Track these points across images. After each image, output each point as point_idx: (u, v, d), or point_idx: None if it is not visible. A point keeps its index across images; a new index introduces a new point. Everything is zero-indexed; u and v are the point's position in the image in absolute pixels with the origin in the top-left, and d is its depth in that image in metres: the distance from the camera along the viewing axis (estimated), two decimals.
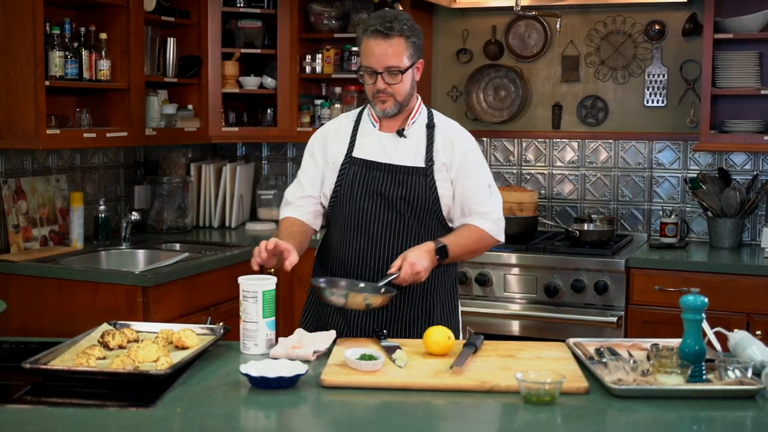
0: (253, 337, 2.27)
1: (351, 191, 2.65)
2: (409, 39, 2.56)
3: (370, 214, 2.63)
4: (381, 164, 2.64)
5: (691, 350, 2.01)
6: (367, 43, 2.56)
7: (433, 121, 2.70)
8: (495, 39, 4.72)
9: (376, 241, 2.63)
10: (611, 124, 4.58)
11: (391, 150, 2.65)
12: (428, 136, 2.67)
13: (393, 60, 2.54)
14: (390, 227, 2.62)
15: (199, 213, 4.72)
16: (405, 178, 2.62)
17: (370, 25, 2.55)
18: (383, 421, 1.84)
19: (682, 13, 4.38)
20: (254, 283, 2.28)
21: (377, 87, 2.58)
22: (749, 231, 4.33)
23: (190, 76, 4.43)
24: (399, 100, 2.61)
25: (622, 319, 3.91)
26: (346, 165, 2.68)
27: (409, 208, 2.62)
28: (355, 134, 2.71)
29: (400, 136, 2.66)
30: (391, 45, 2.53)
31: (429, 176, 2.62)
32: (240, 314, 2.30)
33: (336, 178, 2.69)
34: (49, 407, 1.90)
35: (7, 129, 3.52)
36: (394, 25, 2.53)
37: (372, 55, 2.55)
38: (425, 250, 2.51)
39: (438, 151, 2.64)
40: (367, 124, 2.71)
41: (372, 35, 2.55)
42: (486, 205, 2.66)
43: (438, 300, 2.69)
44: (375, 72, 2.56)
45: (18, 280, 3.57)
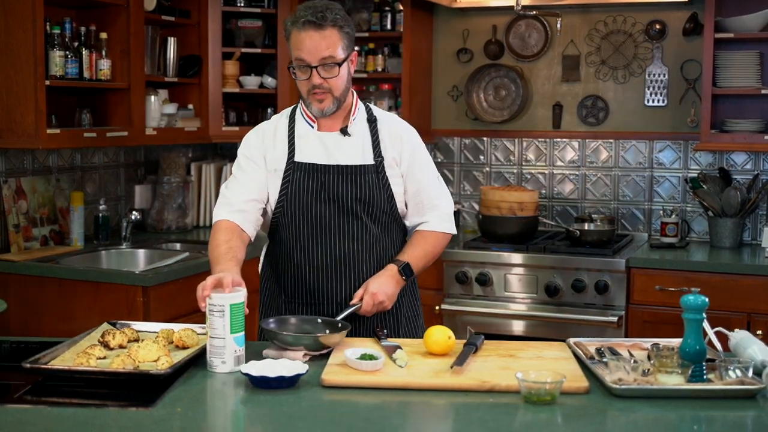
0: (221, 354, 2.09)
1: (300, 198, 2.48)
2: (342, 29, 2.41)
3: (325, 221, 2.48)
4: (328, 166, 2.48)
5: (691, 350, 2.01)
6: (298, 36, 2.39)
7: (374, 116, 2.57)
8: (495, 38, 4.72)
9: (334, 250, 2.49)
10: (612, 124, 4.58)
11: (335, 150, 2.50)
12: (372, 131, 2.54)
13: (328, 51, 2.38)
14: (348, 233, 2.49)
15: (200, 213, 4.72)
16: (356, 178, 2.48)
17: (301, 17, 2.38)
18: (383, 420, 1.84)
19: (682, 12, 4.38)
20: (221, 296, 2.11)
21: (312, 82, 2.41)
22: (750, 231, 4.33)
23: (190, 76, 4.43)
24: (336, 96, 2.44)
25: (623, 319, 3.91)
26: (289, 171, 2.50)
27: (365, 209, 2.49)
28: (292, 136, 2.54)
29: (344, 135, 2.51)
30: (324, 36, 2.37)
31: (381, 173, 2.50)
32: (206, 329, 2.13)
33: (280, 186, 2.51)
34: (49, 407, 1.90)
35: (7, 129, 3.52)
36: (326, 14, 2.37)
37: (304, 48, 2.38)
38: (388, 275, 2.45)
39: (386, 146, 2.52)
40: (302, 125, 2.54)
41: (303, 27, 2.38)
42: (438, 198, 2.59)
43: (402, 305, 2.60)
44: (309, 66, 2.39)
45: (18, 279, 3.57)
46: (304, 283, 2.52)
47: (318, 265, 2.50)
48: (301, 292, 2.54)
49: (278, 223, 2.54)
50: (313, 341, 2.21)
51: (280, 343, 2.20)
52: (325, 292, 2.51)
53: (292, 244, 2.53)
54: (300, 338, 2.21)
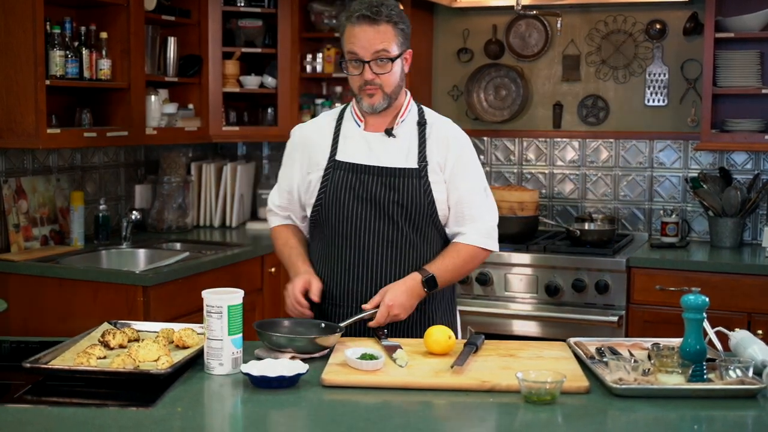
0: (218, 356, 2.07)
1: (337, 198, 2.45)
2: (397, 26, 2.38)
3: (361, 222, 2.44)
4: (370, 167, 2.44)
5: (692, 350, 2.01)
6: (352, 30, 2.38)
7: (425, 118, 2.52)
8: (496, 38, 4.72)
9: (367, 253, 2.45)
10: (612, 124, 4.58)
11: (379, 151, 2.46)
12: (420, 134, 2.48)
13: (382, 44, 2.36)
14: (383, 237, 2.44)
15: (200, 212, 4.72)
16: (397, 180, 2.42)
17: (355, 11, 2.37)
18: (384, 420, 1.84)
19: (683, 12, 4.38)
20: (219, 297, 2.07)
21: (364, 78, 2.40)
22: (750, 230, 4.33)
23: (190, 76, 4.43)
24: (388, 92, 2.42)
25: (623, 319, 3.90)
26: (329, 170, 2.47)
27: (403, 213, 2.43)
28: (337, 135, 2.51)
29: (388, 136, 2.47)
30: (378, 31, 2.36)
31: (423, 177, 2.43)
32: (204, 331, 2.13)
33: (320, 185, 2.48)
34: (49, 407, 1.90)
35: (7, 128, 3.52)
36: (381, 9, 2.35)
37: (358, 43, 2.37)
38: (408, 287, 2.38)
39: (431, 150, 2.46)
40: (350, 124, 2.52)
41: (357, 21, 2.36)
42: (480, 210, 2.50)
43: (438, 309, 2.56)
44: (361, 61, 2.38)
45: (18, 279, 3.57)
46: (335, 284, 2.49)
47: (350, 267, 2.47)
48: (332, 292, 2.49)
49: (316, 221, 2.52)
50: (307, 342, 2.20)
51: (274, 345, 2.20)
52: (355, 295, 2.47)
53: (327, 244, 2.50)
54: (293, 340, 2.21)
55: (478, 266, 2.62)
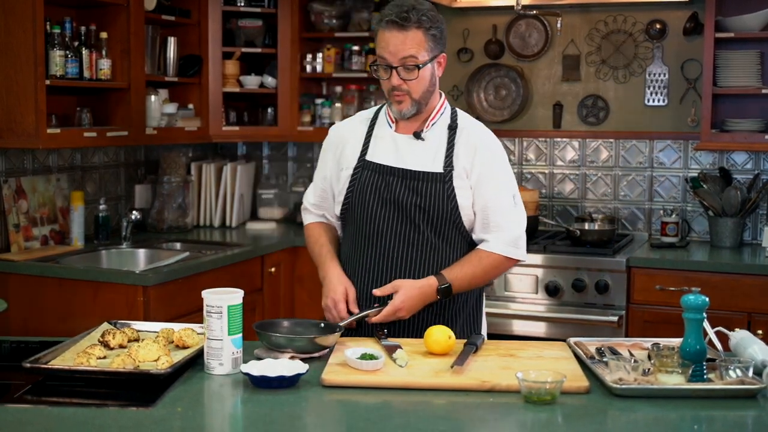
0: (218, 356, 2.07)
1: (362, 199, 2.46)
2: (428, 31, 2.35)
3: (383, 224, 2.44)
4: (394, 169, 2.44)
5: (692, 350, 2.01)
6: (382, 35, 2.37)
7: (456, 122, 2.49)
8: (496, 38, 4.72)
9: (389, 255, 2.45)
10: (612, 124, 4.58)
11: (406, 153, 2.45)
12: (449, 138, 2.46)
13: (409, 51, 2.34)
14: (405, 240, 2.43)
15: (200, 212, 4.72)
16: (420, 184, 2.42)
17: (386, 15, 2.36)
18: (384, 420, 1.84)
19: (683, 12, 4.38)
20: (218, 297, 2.07)
21: (392, 83, 2.39)
22: (750, 230, 4.33)
23: (190, 76, 4.43)
24: (416, 98, 2.40)
25: (623, 319, 3.90)
26: (358, 169, 2.48)
27: (425, 218, 2.42)
28: (369, 135, 2.51)
29: (417, 139, 2.46)
30: (407, 37, 2.34)
31: (447, 182, 2.41)
32: (204, 331, 2.13)
33: (348, 184, 2.49)
34: (49, 407, 1.90)
35: (7, 128, 3.52)
36: (410, 15, 2.33)
37: (386, 48, 2.36)
38: (422, 291, 2.37)
39: (458, 155, 2.43)
40: (383, 125, 2.52)
41: (387, 26, 2.35)
42: (506, 218, 2.45)
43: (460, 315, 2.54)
44: (390, 66, 2.37)
45: (18, 279, 3.57)
46: (356, 284, 2.48)
47: (370, 268, 2.47)
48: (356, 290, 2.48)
49: (344, 221, 2.55)
50: (306, 342, 2.19)
51: (273, 345, 2.20)
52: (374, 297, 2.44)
53: (351, 243, 2.52)
54: (293, 340, 2.20)
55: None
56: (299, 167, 5.08)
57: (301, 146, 5.07)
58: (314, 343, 2.20)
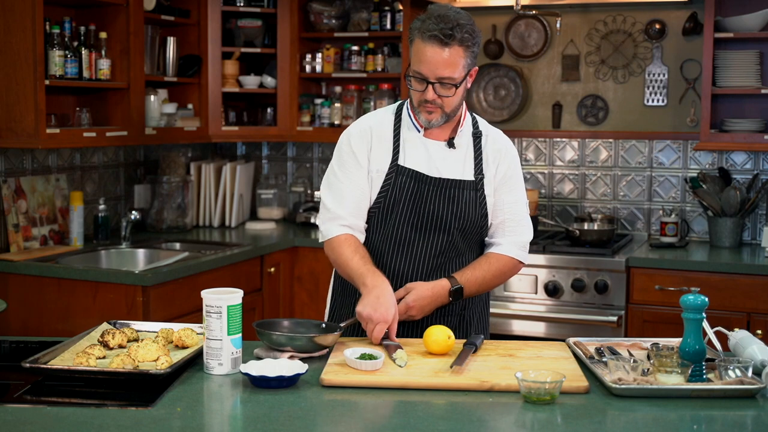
0: (217, 356, 2.07)
1: (395, 205, 2.41)
2: (469, 48, 2.29)
3: (414, 232, 2.41)
4: (429, 177, 2.40)
5: (691, 349, 2.01)
6: (422, 47, 2.28)
7: (479, 129, 2.48)
8: (495, 38, 4.72)
9: (418, 262, 2.42)
10: (611, 124, 4.58)
11: (439, 161, 2.41)
12: (476, 145, 2.45)
13: (448, 71, 2.28)
14: (435, 247, 2.42)
15: (199, 212, 4.72)
16: (455, 193, 2.40)
17: (428, 29, 2.26)
18: (383, 420, 1.84)
19: (682, 12, 4.38)
20: (218, 297, 2.07)
21: (425, 97, 2.32)
22: (749, 230, 4.33)
23: (190, 76, 4.43)
24: (447, 112, 2.36)
25: (623, 319, 3.91)
26: (392, 174, 2.41)
27: (458, 225, 2.40)
28: (398, 138, 2.43)
29: (450, 147, 2.43)
30: (448, 54, 2.26)
31: (479, 190, 2.41)
32: (203, 331, 2.13)
33: (380, 187, 2.41)
34: (48, 407, 1.90)
35: (6, 128, 3.52)
36: (455, 33, 2.25)
37: (425, 62, 2.28)
38: (435, 293, 2.35)
39: (487, 162, 2.43)
40: (409, 128, 2.44)
41: (429, 40, 2.26)
42: (520, 224, 2.49)
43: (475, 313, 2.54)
44: (426, 80, 2.30)
45: (18, 279, 3.57)
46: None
47: (398, 273, 2.43)
48: None
49: (369, 223, 2.46)
50: (306, 341, 2.19)
51: (273, 344, 2.20)
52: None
53: (377, 247, 2.45)
54: (293, 339, 2.20)
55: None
56: (299, 167, 5.08)
57: (300, 146, 5.07)
58: (314, 343, 2.19)
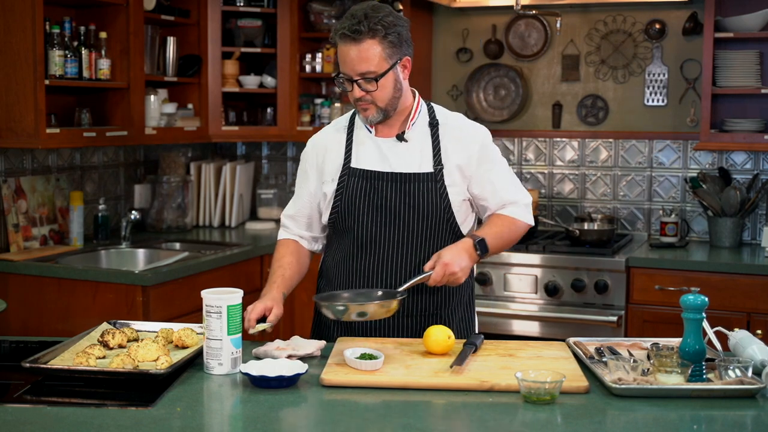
0: (217, 356, 2.08)
1: (352, 206, 2.43)
2: (385, 38, 2.28)
3: (376, 229, 2.41)
4: (383, 173, 2.41)
5: (691, 349, 2.01)
6: (340, 48, 2.31)
7: (436, 119, 2.47)
8: (495, 38, 4.72)
9: (383, 259, 2.42)
10: (611, 124, 4.58)
11: (392, 156, 2.42)
12: (433, 136, 2.44)
13: (366, 66, 2.28)
14: (399, 243, 2.41)
15: (199, 212, 4.72)
16: (412, 186, 2.39)
17: (339, 29, 2.29)
18: (383, 420, 1.84)
19: (682, 12, 4.38)
20: (218, 297, 2.07)
21: (354, 95, 2.34)
22: (749, 230, 4.33)
23: (190, 75, 4.43)
24: (381, 107, 2.36)
25: (623, 319, 3.91)
26: (344, 177, 2.44)
27: (418, 219, 2.40)
28: (350, 142, 2.47)
29: (400, 141, 2.43)
30: (361, 50, 2.27)
31: (439, 181, 2.40)
32: (203, 331, 2.14)
33: (334, 193, 2.45)
34: (48, 406, 1.90)
35: (6, 128, 3.52)
36: (362, 27, 2.25)
37: (344, 62, 2.30)
38: (462, 248, 2.32)
39: (447, 153, 2.42)
40: (361, 131, 2.47)
41: (342, 39, 2.29)
42: (515, 190, 2.50)
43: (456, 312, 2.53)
44: (350, 79, 2.32)
45: (18, 279, 3.57)
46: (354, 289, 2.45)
47: (366, 273, 2.44)
48: None
49: (333, 230, 2.51)
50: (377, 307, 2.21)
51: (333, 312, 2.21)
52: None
53: (343, 251, 2.48)
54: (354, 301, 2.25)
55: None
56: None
57: (300, 146, 5.06)
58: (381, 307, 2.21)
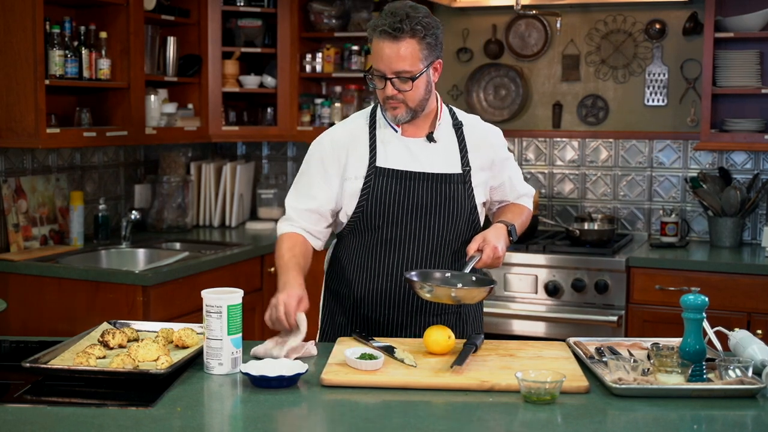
0: (217, 356, 2.07)
1: (381, 205, 2.39)
2: (423, 39, 2.29)
3: (404, 229, 2.40)
4: (414, 173, 2.39)
5: (691, 349, 2.01)
6: (376, 44, 2.30)
7: (459, 120, 2.49)
8: (495, 38, 4.72)
9: (410, 258, 2.42)
10: (612, 124, 4.58)
11: (421, 156, 2.41)
12: (458, 137, 2.46)
13: (403, 65, 2.28)
14: (427, 242, 2.42)
15: (199, 212, 4.72)
16: (443, 186, 2.40)
17: (379, 25, 2.28)
18: (383, 420, 1.84)
19: (682, 12, 4.38)
20: (218, 296, 2.07)
21: (386, 93, 2.33)
22: (750, 230, 4.33)
23: (190, 75, 4.43)
24: (412, 107, 2.36)
25: (623, 319, 3.90)
26: (371, 176, 2.40)
27: (447, 219, 2.41)
28: (374, 141, 2.43)
29: (430, 141, 2.43)
30: (400, 48, 2.27)
31: (467, 183, 2.43)
32: (203, 331, 2.13)
33: (360, 192, 2.41)
34: (48, 406, 1.90)
35: (7, 128, 3.52)
36: (404, 25, 2.25)
37: (381, 59, 2.29)
38: (502, 232, 2.39)
39: (473, 153, 2.45)
40: (386, 129, 2.44)
41: (380, 36, 2.28)
42: (526, 185, 2.65)
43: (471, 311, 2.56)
44: (384, 77, 2.32)
45: (18, 279, 3.57)
46: (376, 289, 2.44)
47: (391, 272, 2.43)
48: (370, 297, 2.46)
49: (353, 229, 2.46)
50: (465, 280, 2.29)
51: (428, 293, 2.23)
52: (395, 300, 2.44)
53: (366, 250, 2.46)
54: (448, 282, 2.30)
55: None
56: (299, 167, 5.07)
57: (300, 146, 5.06)
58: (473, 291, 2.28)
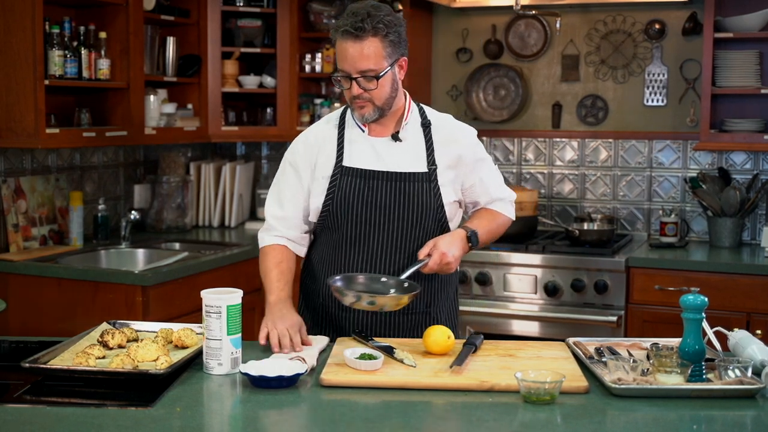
0: (217, 356, 2.08)
1: (345, 203, 2.42)
2: (386, 37, 2.31)
3: (370, 227, 2.43)
4: (378, 172, 2.42)
5: (691, 349, 2.01)
6: (340, 45, 2.32)
7: (428, 119, 2.50)
8: (495, 38, 4.72)
9: (375, 256, 2.44)
10: (611, 124, 4.58)
11: (386, 156, 2.44)
12: (426, 136, 2.47)
13: (367, 63, 2.30)
14: (391, 240, 2.43)
15: (199, 212, 4.72)
16: (407, 185, 2.42)
17: (341, 26, 2.30)
18: (383, 420, 1.84)
19: (682, 12, 4.38)
20: (217, 297, 2.07)
21: (352, 93, 2.35)
22: (749, 230, 4.33)
23: (189, 75, 4.43)
24: (378, 105, 2.37)
25: (622, 319, 3.91)
26: (336, 176, 2.44)
27: (411, 218, 2.42)
28: (341, 141, 2.47)
29: (395, 141, 2.45)
30: (363, 47, 2.29)
31: (433, 181, 2.43)
32: (203, 331, 2.14)
33: (326, 191, 2.45)
34: (48, 406, 1.90)
35: (6, 128, 3.52)
36: (366, 24, 2.27)
37: (345, 59, 2.31)
38: (457, 238, 2.39)
39: (440, 153, 2.45)
40: (353, 129, 2.47)
41: (343, 36, 2.30)
42: (502, 187, 2.60)
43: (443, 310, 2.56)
44: (349, 77, 2.33)
45: (17, 279, 3.57)
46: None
47: (355, 269, 2.44)
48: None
49: (322, 227, 2.49)
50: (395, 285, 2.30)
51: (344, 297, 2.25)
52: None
53: (333, 248, 2.48)
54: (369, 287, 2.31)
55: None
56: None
57: None
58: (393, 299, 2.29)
